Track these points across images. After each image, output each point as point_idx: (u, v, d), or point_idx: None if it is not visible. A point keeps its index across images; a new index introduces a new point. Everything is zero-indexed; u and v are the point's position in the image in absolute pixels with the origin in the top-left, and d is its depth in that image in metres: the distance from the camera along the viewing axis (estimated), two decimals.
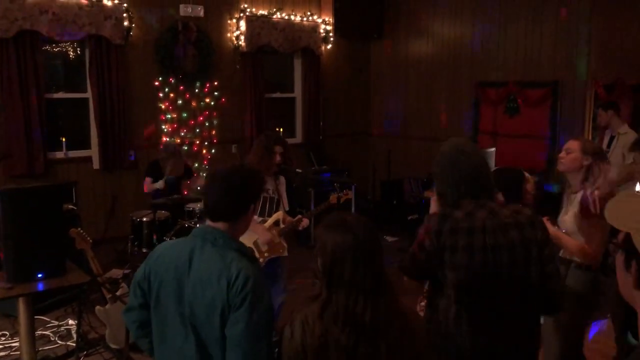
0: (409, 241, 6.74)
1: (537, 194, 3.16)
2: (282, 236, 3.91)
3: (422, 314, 2.25)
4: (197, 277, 1.84)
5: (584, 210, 2.78)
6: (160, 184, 5.60)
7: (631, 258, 1.05)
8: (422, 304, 3.55)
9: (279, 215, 3.89)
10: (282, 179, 4.00)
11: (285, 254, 3.99)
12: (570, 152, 2.90)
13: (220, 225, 1.92)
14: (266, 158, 3.71)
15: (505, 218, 2.00)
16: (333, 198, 4.12)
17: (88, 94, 6.40)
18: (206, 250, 1.87)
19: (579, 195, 2.89)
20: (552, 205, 3.21)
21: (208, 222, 1.95)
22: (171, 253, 1.94)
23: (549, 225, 2.83)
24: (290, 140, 8.13)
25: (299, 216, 3.97)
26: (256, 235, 3.76)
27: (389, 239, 7.06)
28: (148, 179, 5.71)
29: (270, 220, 3.85)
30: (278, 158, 3.76)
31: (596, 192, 2.76)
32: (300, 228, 3.97)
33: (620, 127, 5.48)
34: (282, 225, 3.90)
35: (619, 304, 2.45)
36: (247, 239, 3.66)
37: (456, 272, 1.97)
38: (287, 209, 4.06)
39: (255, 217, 3.81)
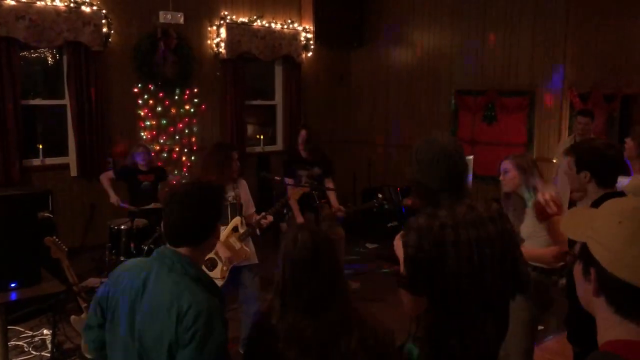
0: (389, 249, 6.79)
1: None
2: (243, 241, 3.87)
3: None
4: (148, 306, 1.73)
5: (541, 215, 2.93)
6: (115, 200, 5.61)
7: (589, 266, 1.08)
8: None
9: (236, 221, 3.87)
10: (242, 183, 4.01)
11: (253, 260, 3.97)
12: (507, 172, 3.14)
13: (182, 249, 1.78)
14: (227, 167, 3.74)
15: (481, 213, 2.09)
16: (289, 194, 4.17)
17: (66, 101, 6.33)
18: (161, 277, 1.74)
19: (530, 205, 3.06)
20: None
21: (168, 245, 1.82)
22: (129, 274, 1.82)
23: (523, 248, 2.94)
24: (271, 148, 8.20)
25: (260, 215, 3.96)
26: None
27: (369, 245, 7.10)
28: (107, 173, 5.75)
29: (228, 228, 3.84)
30: (237, 164, 3.82)
31: (546, 195, 2.91)
32: (264, 226, 3.97)
33: (589, 136, 5.57)
34: (240, 231, 3.87)
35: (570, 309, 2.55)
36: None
37: (444, 269, 2.00)
38: (253, 210, 4.05)
39: None
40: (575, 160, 2.57)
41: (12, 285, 3.19)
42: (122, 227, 5.30)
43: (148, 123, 6.83)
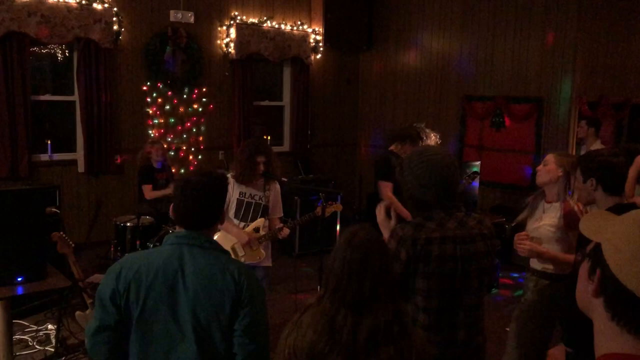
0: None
1: None
2: (261, 244, 3.83)
3: None
4: (197, 281, 1.85)
5: (570, 222, 2.87)
6: (167, 191, 5.60)
7: (596, 266, 1.07)
8: None
9: (260, 222, 3.84)
10: (275, 186, 3.92)
11: (267, 263, 3.93)
12: (547, 164, 3.06)
13: (200, 232, 1.95)
14: (248, 168, 3.69)
15: (472, 229, 2.08)
16: (318, 210, 4.09)
17: (75, 97, 6.36)
18: (197, 254, 1.89)
19: (555, 205, 3.00)
20: None
21: (181, 230, 1.97)
22: (154, 262, 1.87)
23: (536, 245, 2.91)
24: (277, 149, 8.19)
25: (281, 224, 3.94)
26: (234, 239, 3.74)
27: None
28: (148, 187, 5.69)
29: (250, 227, 3.82)
30: (261, 168, 3.72)
31: (580, 205, 2.86)
32: (280, 237, 3.91)
33: (593, 144, 5.57)
34: (262, 233, 3.85)
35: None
36: (225, 243, 3.64)
37: (427, 280, 2.01)
38: (279, 215, 4.01)
39: (237, 221, 3.80)
40: (580, 169, 2.56)
41: (19, 279, 3.20)
42: (128, 224, 5.32)
43: (156, 121, 6.86)
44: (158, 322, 1.86)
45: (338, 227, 5.35)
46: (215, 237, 3.98)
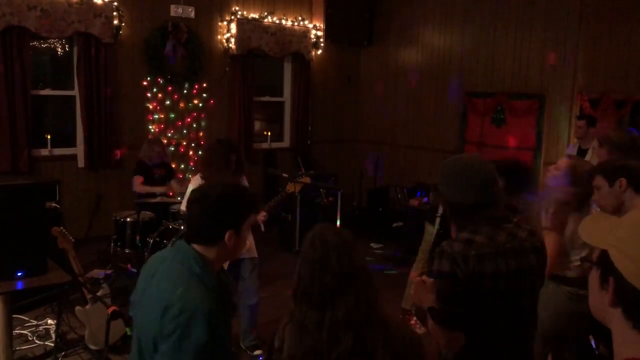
0: (394, 248, 6.76)
1: None
2: None
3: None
4: (149, 294, 1.81)
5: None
6: (161, 189, 5.59)
7: (608, 275, 1.04)
8: (413, 322, 3.54)
9: None
10: (243, 180, 4.04)
11: (253, 254, 3.98)
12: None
13: (196, 247, 1.81)
14: (223, 167, 3.78)
15: (524, 241, 1.93)
16: (290, 187, 4.13)
17: (75, 92, 6.35)
18: (169, 269, 1.79)
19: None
20: None
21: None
22: (151, 263, 1.94)
23: None
24: (278, 144, 8.20)
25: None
26: None
27: (374, 245, 7.08)
28: (139, 178, 5.66)
29: None
30: (233, 166, 3.85)
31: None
32: (260, 222, 3.97)
33: (592, 142, 5.54)
34: None
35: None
36: None
37: (481, 299, 1.85)
38: None
39: None
40: (604, 175, 2.48)
41: (19, 274, 3.20)
42: (128, 219, 5.31)
43: (156, 116, 6.84)
44: (136, 317, 1.89)
45: (338, 223, 5.34)
46: None
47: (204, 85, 7.16)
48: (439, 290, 1.85)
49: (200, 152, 7.16)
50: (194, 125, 7.17)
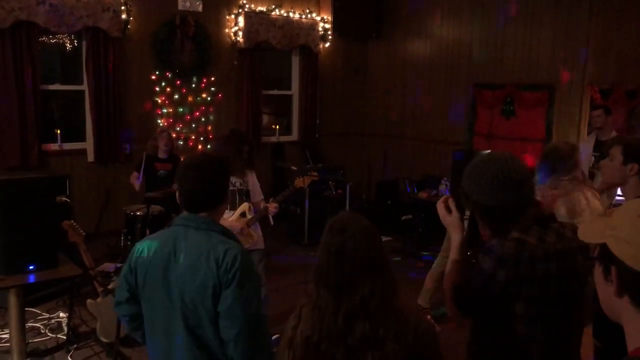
0: (403, 241, 6.76)
1: None
2: (250, 227, 3.91)
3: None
4: (185, 263, 1.87)
5: None
6: (136, 185, 5.57)
7: (609, 265, 1.04)
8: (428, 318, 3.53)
9: (245, 206, 3.92)
10: (252, 172, 4.07)
11: (261, 246, 4.01)
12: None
13: (201, 214, 1.95)
14: (235, 158, 3.79)
15: (571, 241, 1.83)
16: (298, 182, 4.16)
17: (84, 87, 6.37)
18: (190, 236, 1.90)
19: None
20: None
21: (185, 212, 1.98)
22: (154, 244, 1.96)
23: None
24: (286, 138, 8.19)
25: (266, 204, 4.00)
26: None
27: (383, 238, 7.08)
28: (135, 174, 5.68)
29: (236, 213, 3.89)
30: (245, 157, 3.90)
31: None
32: (270, 214, 4.01)
33: (610, 133, 5.48)
34: (248, 217, 3.92)
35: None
36: None
37: (530, 304, 1.77)
38: (260, 198, 4.10)
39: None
40: (623, 150, 2.51)
41: (31, 267, 3.23)
42: (138, 213, 5.34)
43: (165, 110, 6.86)
44: (157, 301, 1.93)
45: None
46: None
47: (212, 79, 7.16)
48: (471, 280, 1.82)
49: (209, 146, 7.18)
50: (203, 119, 7.18)
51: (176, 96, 6.91)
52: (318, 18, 8.02)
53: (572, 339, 1.91)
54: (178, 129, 6.96)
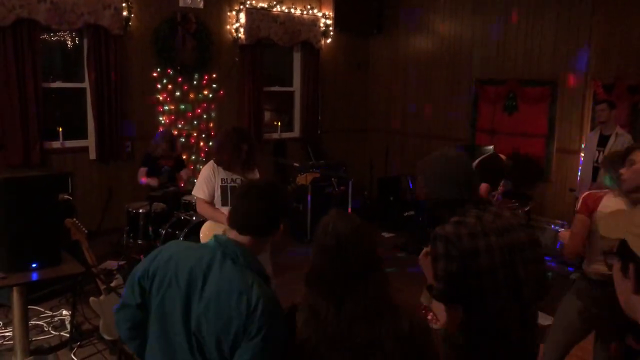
0: (405, 237, 6.75)
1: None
2: None
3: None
4: (214, 293, 1.73)
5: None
6: (154, 182, 5.56)
7: (628, 262, 1.04)
8: (429, 317, 3.55)
9: None
10: (255, 170, 4.04)
11: None
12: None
13: (245, 239, 1.83)
14: (234, 155, 3.80)
15: (510, 219, 2.06)
16: (300, 179, 4.14)
17: (85, 84, 6.36)
18: (226, 267, 1.76)
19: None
20: None
21: (232, 235, 1.85)
22: (186, 259, 1.82)
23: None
24: (288, 134, 8.18)
25: None
26: (224, 225, 3.76)
27: (385, 234, 7.07)
28: (143, 169, 5.67)
29: None
30: (244, 156, 3.85)
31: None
32: None
33: (614, 128, 5.47)
34: None
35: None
36: (215, 230, 3.69)
37: (480, 278, 1.95)
38: None
39: (222, 208, 3.82)
40: None
41: (33, 265, 3.23)
42: (140, 210, 5.34)
43: (167, 108, 6.85)
44: (172, 317, 1.80)
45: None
46: (204, 227, 4.00)
47: (214, 75, 7.15)
48: (436, 270, 1.98)
49: (210, 143, 7.17)
50: (204, 116, 7.17)
51: (178, 93, 6.91)
52: (319, 14, 8.00)
53: (528, 311, 2.06)
54: (180, 126, 6.96)
